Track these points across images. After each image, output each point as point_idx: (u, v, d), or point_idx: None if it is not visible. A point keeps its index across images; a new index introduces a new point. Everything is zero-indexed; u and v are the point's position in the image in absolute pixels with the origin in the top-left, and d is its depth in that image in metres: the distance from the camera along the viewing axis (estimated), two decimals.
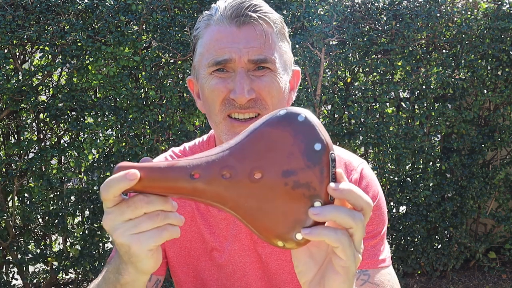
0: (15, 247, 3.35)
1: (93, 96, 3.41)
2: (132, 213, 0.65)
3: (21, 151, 3.26)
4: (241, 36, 0.93)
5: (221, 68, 0.94)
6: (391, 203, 3.65)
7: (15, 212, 3.35)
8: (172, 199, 0.68)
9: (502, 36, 3.59)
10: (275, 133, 0.64)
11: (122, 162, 0.66)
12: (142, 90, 3.29)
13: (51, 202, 3.33)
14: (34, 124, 3.41)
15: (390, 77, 3.61)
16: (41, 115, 3.36)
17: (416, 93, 3.65)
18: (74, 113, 3.32)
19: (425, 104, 3.58)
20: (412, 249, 3.71)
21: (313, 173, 0.63)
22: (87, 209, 3.41)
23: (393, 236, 3.73)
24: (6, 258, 3.43)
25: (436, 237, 3.78)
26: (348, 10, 3.45)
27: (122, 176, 0.63)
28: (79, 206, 3.34)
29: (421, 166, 3.70)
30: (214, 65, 0.93)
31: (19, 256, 3.37)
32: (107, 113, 3.28)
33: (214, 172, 0.65)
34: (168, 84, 3.31)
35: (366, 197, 0.65)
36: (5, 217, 3.26)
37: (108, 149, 3.41)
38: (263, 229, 0.65)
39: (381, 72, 3.53)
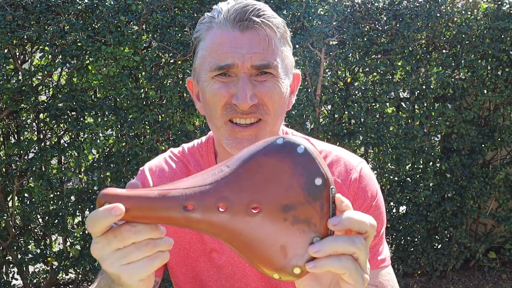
0: (15, 247, 3.36)
1: (93, 96, 3.41)
2: (120, 244, 0.63)
3: (21, 151, 3.26)
4: (244, 41, 0.92)
5: (223, 73, 0.93)
6: (391, 203, 3.65)
7: (15, 212, 3.35)
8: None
9: (502, 36, 3.59)
10: (272, 163, 0.62)
11: (107, 189, 0.62)
12: (142, 90, 3.29)
13: (51, 202, 3.33)
14: (34, 124, 3.41)
15: (390, 77, 3.61)
16: (41, 115, 3.36)
17: (416, 93, 3.65)
18: (74, 113, 3.32)
19: (425, 104, 3.58)
20: (412, 249, 3.71)
21: (313, 208, 0.61)
22: (87, 209, 3.41)
23: (393, 236, 3.73)
24: (6, 258, 3.43)
25: (436, 237, 3.78)
26: (348, 10, 3.45)
27: (107, 211, 0.60)
28: (79, 206, 3.34)
29: (421, 166, 3.70)
30: (217, 70, 0.93)
31: (19, 256, 3.37)
32: (107, 113, 3.28)
33: (209, 204, 0.62)
34: (168, 84, 3.31)
35: (367, 219, 0.64)
36: (5, 217, 3.26)
37: (108, 149, 3.41)
38: (259, 261, 0.63)
39: (381, 72, 3.52)
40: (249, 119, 0.94)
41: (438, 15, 3.47)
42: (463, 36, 3.55)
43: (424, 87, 3.55)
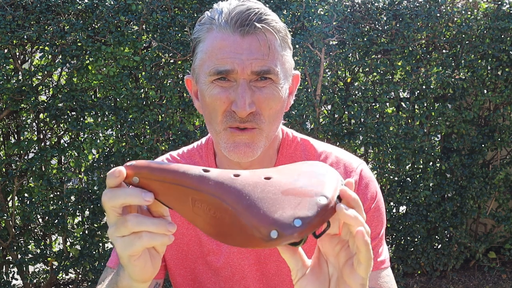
0: (15, 247, 3.36)
1: (93, 96, 3.41)
2: (114, 208, 0.68)
3: (21, 151, 3.26)
4: (245, 46, 0.91)
5: (222, 77, 0.92)
6: (391, 203, 3.65)
7: (15, 212, 3.35)
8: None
9: (502, 36, 3.59)
10: (306, 166, 0.70)
11: (140, 160, 0.68)
12: (142, 90, 3.29)
13: (51, 202, 3.33)
14: (34, 124, 3.41)
15: (390, 77, 3.61)
16: (41, 115, 3.36)
17: (416, 93, 3.65)
18: (74, 113, 3.32)
19: (425, 104, 3.58)
20: (412, 249, 3.71)
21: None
22: (87, 209, 3.41)
23: (393, 236, 3.73)
24: (6, 258, 3.43)
25: (436, 237, 3.78)
26: (348, 10, 3.45)
27: (110, 173, 0.67)
28: (79, 206, 3.34)
29: (421, 166, 3.70)
30: (216, 74, 0.92)
31: (19, 256, 3.37)
32: (107, 113, 3.28)
33: (227, 173, 0.67)
34: (168, 84, 3.31)
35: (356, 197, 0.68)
36: (5, 217, 3.26)
37: (108, 149, 3.41)
38: (255, 220, 0.62)
39: (381, 72, 3.52)
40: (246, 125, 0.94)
41: (438, 15, 3.47)
42: (463, 36, 3.55)
43: (424, 87, 3.55)
